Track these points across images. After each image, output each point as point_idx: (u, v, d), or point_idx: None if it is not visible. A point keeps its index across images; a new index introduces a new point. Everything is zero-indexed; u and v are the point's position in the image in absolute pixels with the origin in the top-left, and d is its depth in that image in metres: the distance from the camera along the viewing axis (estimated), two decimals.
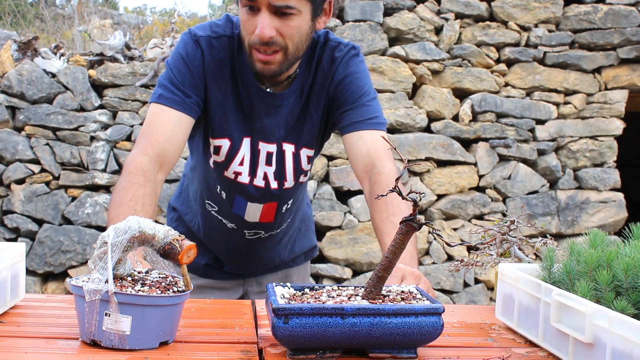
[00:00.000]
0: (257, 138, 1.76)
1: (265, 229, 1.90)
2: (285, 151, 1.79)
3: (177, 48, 1.71)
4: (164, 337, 1.13)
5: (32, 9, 8.33)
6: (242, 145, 1.76)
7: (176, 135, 1.64)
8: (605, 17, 4.85)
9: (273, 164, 1.79)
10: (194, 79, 1.67)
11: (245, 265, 2.01)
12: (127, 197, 1.52)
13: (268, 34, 1.55)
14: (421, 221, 1.13)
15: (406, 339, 1.09)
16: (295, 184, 1.84)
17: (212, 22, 1.75)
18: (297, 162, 1.81)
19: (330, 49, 1.77)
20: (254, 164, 1.78)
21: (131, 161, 1.60)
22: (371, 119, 1.73)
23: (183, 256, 1.16)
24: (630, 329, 0.96)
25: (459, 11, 4.79)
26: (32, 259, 4.45)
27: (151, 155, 1.60)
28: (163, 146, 1.62)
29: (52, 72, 4.58)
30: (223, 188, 1.83)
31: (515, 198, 4.79)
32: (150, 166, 1.59)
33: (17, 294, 1.35)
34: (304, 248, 2.11)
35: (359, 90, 1.76)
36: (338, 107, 1.76)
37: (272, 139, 1.77)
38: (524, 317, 1.28)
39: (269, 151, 1.78)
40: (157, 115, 1.65)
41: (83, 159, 4.53)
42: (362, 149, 1.70)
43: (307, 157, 1.82)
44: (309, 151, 1.83)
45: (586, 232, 1.24)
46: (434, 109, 4.74)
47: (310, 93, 1.77)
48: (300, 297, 1.17)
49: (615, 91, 4.91)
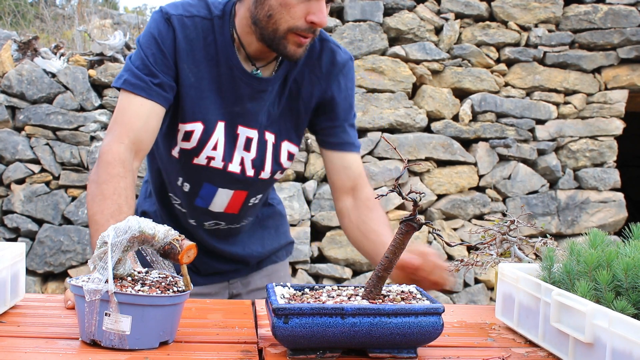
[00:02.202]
0: (237, 122, 1.70)
1: (226, 219, 1.85)
2: (267, 141, 1.74)
3: (149, 27, 1.65)
4: (164, 337, 1.13)
5: (32, 9, 8.33)
6: (216, 129, 1.69)
7: (150, 121, 1.60)
8: (605, 17, 4.85)
9: (252, 151, 1.73)
10: (166, 59, 1.62)
11: (213, 261, 1.94)
12: (110, 191, 1.49)
13: (327, 22, 1.57)
14: (421, 221, 1.13)
15: (406, 339, 1.09)
16: (270, 177, 1.79)
17: (185, 1, 1.69)
18: (275, 154, 1.76)
19: (331, 50, 1.75)
20: (230, 149, 1.72)
21: (107, 151, 1.56)
22: (355, 142, 1.81)
23: (183, 256, 1.16)
24: (630, 329, 0.97)
25: (459, 11, 4.79)
26: (32, 259, 4.45)
27: (127, 143, 1.57)
28: (138, 133, 1.58)
29: (52, 72, 4.58)
30: (187, 179, 1.76)
31: (515, 198, 4.79)
32: (127, 155, 1.56)
33: (17, 294, 1.35)
34: (282, 243, 2.07)
35: (350, 109, 1.80)
36: (327, 118, 1.77)
37: (254, 125, 1.72)
38: (524, 317, 1.28)
39: (248, 136, 1.72)
40: (130, 101, 1.60)
41: (83, 159, 4.53)
42: (348, 172, 1.79)
43: (287, 153, 1.78)
44: (291, 146, 1.78)
45: (586, 232, 1.24)
46: (434, 108, 4.74)
47: (298, 86, 1.74)
48: (300, 297, 1.17)
49: (615, 91, 4.91)
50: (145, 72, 1.60)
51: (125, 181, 1.52)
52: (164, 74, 1.61)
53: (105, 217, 1.46)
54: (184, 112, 1.67)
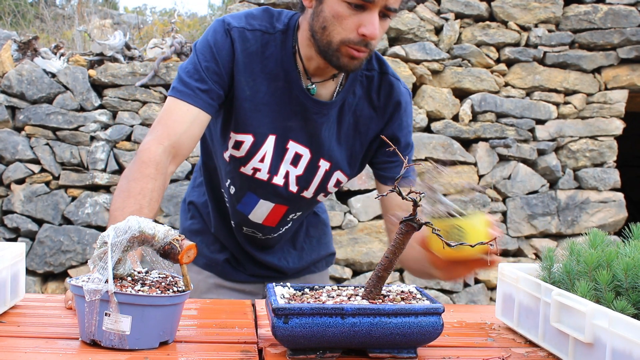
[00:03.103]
0: (289, 136, 1.70)
1: (263, 231, 1.87)
2: (321, 167, 1.74)
3: (207, 35, 1.65)
4: (164, 337, 1.13)
5: (32, 9, 8.33)
6: (266, 142, 1.69)
7: (193, 128, 1.60)
8: (605, 17, 4.85)
9: (300, 168, 1.74)
10: (219, 69, 1.62)
11: (250, 264, 1.97)
12: (137, 190, 1.49)
13: (379, 35, 1.54)
14: (421, 221, 1.13)
15: (406, 339, 1.09)
16: (312, 198, 1.80)
17: (248, 13, 1.68)
18: (325, 181, 1.76)
19: (389, 83, 1.74)
20: (276, 161, 1.72)
21: (145, 150, 1.56)
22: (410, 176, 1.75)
23: (183, 256, 1.16)
24: (630, 329, 0.97)
25: (459, 11, 4.79)
26: (32, 259, 4.45)
27: (166, 145, 1.56)
28: (179, 138, 1.58)
29: (52, 72, 4.58)
30: (234, 183, 1.78)
31: (515, 198, 4.79)
32: (164, 158, 1.56)
33: (17, 294, 1.35)
34: (322, 254, 2.06)
35: (408, 145, 1.79)
36: (386, 154, 1.76)
37: (306, 143, 1.71)
38: (524, 317, 1.28)
39: (298, 152, 1.72)
40: (176, 105, 1.61)
41: (83, 159, 4.53)
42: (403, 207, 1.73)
43: (336, 180, 1.78)
44: (342, 175, 1.78)
45: (586, 232, 1.24)
46: (434, 108, 4.74)
47: (357, 118, 1.73)
48: (300, 297, 1.17)
49: (615, 91, 4.91)
50: (195, 78, 1.60)
51: (155, 183, 1.52)
52: (214, 82, 1.61)
53: (124, 214, 1.45)
54: (237, 123, 1.67)
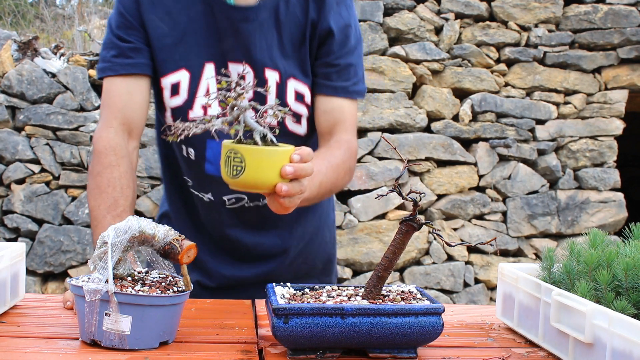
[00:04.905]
0: (226, 59, 1.55)
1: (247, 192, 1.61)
2: (269, 79, 1.57)
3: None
4: (164, 337, 1.13)
5: (32, 9, 8.33)
6: (205, 72, 1.55)
7: (135, 96, 1.54)
8: (605, 17, 4.85)
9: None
10: (129, 22, 1.54)
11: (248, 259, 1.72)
12: (104, 183, 1.46)
13: None
14: (421, 221, 1.14)
15: (406, 339, 1.09)
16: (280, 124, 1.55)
17: None
18: (281, 94, 1.57)
19: None
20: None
21: (98, 139, 1.52)
22: (348, 86, 1.61)
23: (183, 256, 1.16)
24: (630, 329, 0.97)
25: (459, 11, 4.79)
26: (32, 259, 4.45)
27: (115, 125, 1.52)
28: (125, 112, 1.53)
29: (52, 72, 4.58)
30: (190, 143, 1.59)
31: (515, 198, 4.79)
32: (119, 139, 1.51)
33: (17, 294, 1.35)
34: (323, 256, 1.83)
35: (346, 44, 1.60)
36: (322, 53, 1.59)
37: (245, 58, 1.55)
38: (524, 317, 1.28)
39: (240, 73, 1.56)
40: (108, 83, 1.56)
41: (83, 159, 4.53)
42: (327, 116, 1.60)
43: (295, 92, 1.59)
44: (299, 84, 1.59)
45: (586, 232, 1.24)
46: (434, 109, 4.74)
47: (290, 16, 1.57)
48: (300, 297, 1.17)
49: (615, 91, 4.91)
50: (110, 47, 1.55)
51: (119, 170, 1.48)
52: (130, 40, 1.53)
53: (102, 212, 1.44)
54: (164, 63, 1.55)
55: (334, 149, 1.56)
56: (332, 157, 1.53)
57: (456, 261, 4.75)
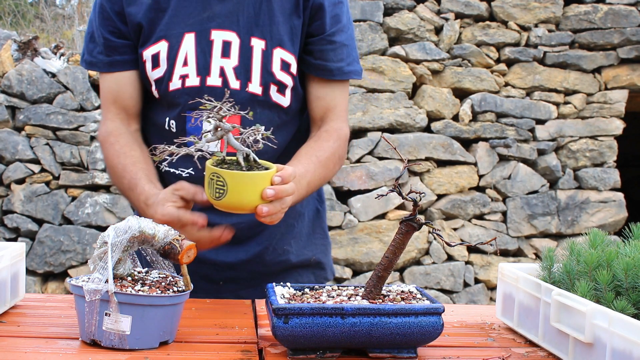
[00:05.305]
0: (209, 27, 1.52)
1: None
2: (254, 47, 1.52)
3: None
4: (164, 337, 1.13)
5: (32, 9, 8.33)
6: (183, 43, 1.52)
7: (123, 86, 1.58)
8: (605, 17, 4.85)
9: (233, 57, 1.52)
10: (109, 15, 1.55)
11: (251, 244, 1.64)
12: (120, 168, 1.51)
13: None
14: (421, 221, 1.14)
15: (406, 339, 1.09)
16: (264, 94, 1.55)
17: None
18: (267, 64, 1.53)
19: None
20: (204, 59, 1.52)
21: (99, 133, 1.63)
22: (343, 67, 1.59)
23: (183, 256, 1.16)
24: (630, 329, 0.97)
25: (459, 11, 4.79)
26: (32, 259, 4.45)
27: (111, 116, 1.58)
28: (117, 103, 1.58)
29: (52, 72, 4.58)
30: (172, 116, 1.58)
31: (515, 198, 4.79)
32: (117, 124, 1.57)
33: (17, 294, 1.35)
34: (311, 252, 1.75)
35: (338, 20, 1.58)
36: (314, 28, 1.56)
37: (231, 26, 1.52)
38: (524, 317, 1.28)
39: (225, 40, 1.52)
40: (101, 78, 1.63)
41: (83, 159, 4.53)
42: (322, 104, 1.60)
43: (281, 60, 1.54)
44: (285, 53, 1.54)
45: (586, 232, 1.24)
46: (434, 109, 4.74)
47: None
48: (300, 297, 1.17)
49: (615, 91, 4.91)
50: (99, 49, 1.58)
51: (119, 143, 1.54)
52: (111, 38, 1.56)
53: (124, 188, 1.52)
54: (145, 36, 1.54)
55: (323, 141, 1.56)
56: (320, 152, 1.54)
57: (456, 261, 4.75)
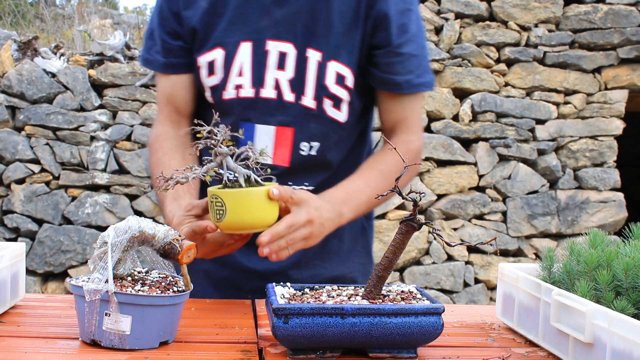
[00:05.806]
0: (265, 36, 1.48)
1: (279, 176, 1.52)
2: (309, 58, 1.48)
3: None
4: (164, 337, 1.13)
5: (32, 9, 8.33)
6: (239, 51, 1.48)
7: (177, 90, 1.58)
8: (605, 17, 4.85)
9: (288, 69, 1.48)
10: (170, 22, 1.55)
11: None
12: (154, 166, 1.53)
13: None
14: (421, 221, 1.13)
15: (406, 338, 1.09)
16: (318, 109, 1.50)
17: None
18: (321, 77, 1.48)
19: None
20: (259, 70, 1.48)
21: (150, 137, 1.63)
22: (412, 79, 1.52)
23: (183, 256, 1.16)
24: (630, 328, 0.96)
25: (459, 11, 4.79)
26: (32, 258, 4.45)
27: (162, 118, 1.60)
28: (169, 102, 1.59)
29: (52, 72, 4.58)
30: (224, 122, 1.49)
31: (515, 198, 4.79)
32: (165, 128, 1.58)
33: (17, 294, 1.35)
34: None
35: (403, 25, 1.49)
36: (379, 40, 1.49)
37: (288, 37, 1.47)
38: (524, 317, 1.28)
39: (281, 51, 1.48)
40: (157, 78, 1.64)
41: (83, 159, 4.53)
42: (392, 116, 1.58)
43: (335, 74, 1.48)
44: (340, 67, 1.48)
45: (586, 232, 1.24)
46: (434, 108, 4.74)
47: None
48: (300, 297, 1.17)
49: (615, 91, 4.91)
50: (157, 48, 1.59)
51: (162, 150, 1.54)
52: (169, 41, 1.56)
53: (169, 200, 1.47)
54: (201, 42, 1.52)
55: (387, 155, 1.54)
56: (384, 165, 1.53)
57: (456, 261, 4.75)
